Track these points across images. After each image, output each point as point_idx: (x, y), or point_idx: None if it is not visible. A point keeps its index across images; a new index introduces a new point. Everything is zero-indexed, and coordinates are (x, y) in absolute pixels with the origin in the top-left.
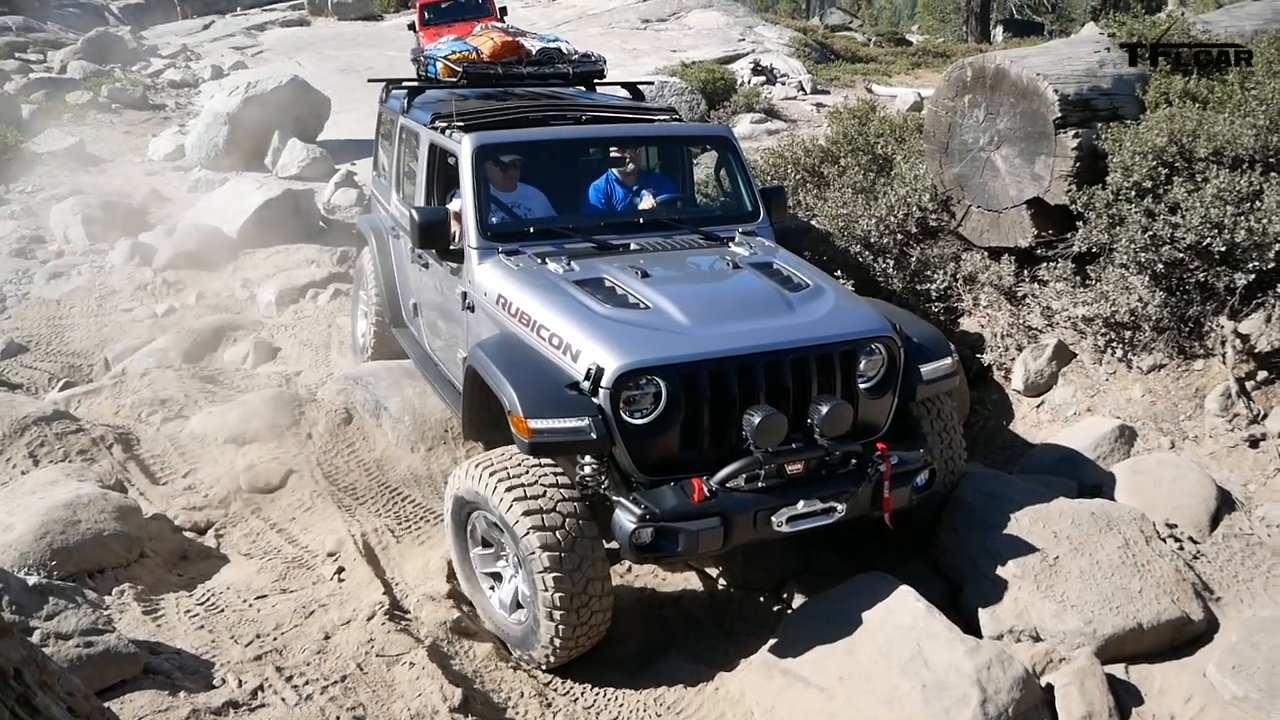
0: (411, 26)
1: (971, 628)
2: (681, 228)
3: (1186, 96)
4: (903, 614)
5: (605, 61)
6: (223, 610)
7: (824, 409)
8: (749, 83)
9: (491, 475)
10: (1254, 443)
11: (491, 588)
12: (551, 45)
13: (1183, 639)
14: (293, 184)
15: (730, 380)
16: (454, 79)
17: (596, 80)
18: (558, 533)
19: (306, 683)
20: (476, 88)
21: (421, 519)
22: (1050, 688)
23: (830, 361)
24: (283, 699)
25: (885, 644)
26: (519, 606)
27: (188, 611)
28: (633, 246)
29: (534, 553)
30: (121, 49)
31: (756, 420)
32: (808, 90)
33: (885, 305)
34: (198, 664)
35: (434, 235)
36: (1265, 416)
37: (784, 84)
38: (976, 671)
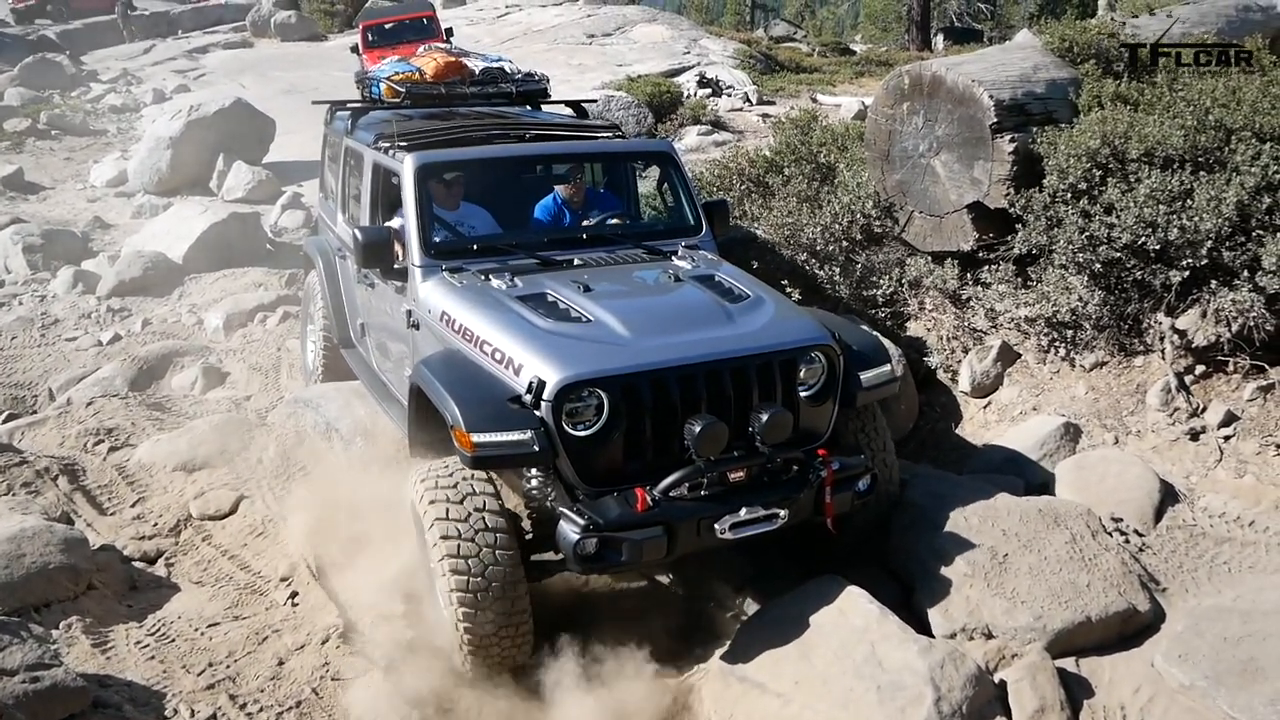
0: (355, 49)
1: (924, 627)
2: (625, 243)
3: (1118, 99)
4: (856, 616)
5: (549, 80)
6: (174, 640)
7: (764, 417)
8: (695, 95)
9: (423, 485)
10: (1194, 435)
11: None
12: (494, 65)
13: (1130, 630)
14: (238, 207)
15: (671, 390)
16: (398, 100)
17: (541, 99)
18: (470, 561)
19: (261, 710)
20: (421, 108)
21: (375, 540)
22: (1003, 683)
23: (770, 370)
24: None
25: (839, 647)
26: None
27: (138, 642)
28: (576, 262)
29: (445, 575)
30: (60, 74)
31: (697, 429)
32: (754, 101)
33: (825, 314)
34: (149, 695)
35: (377, 255)
36: (1204, 409)
37: (730, 96)
38: (930, 670)
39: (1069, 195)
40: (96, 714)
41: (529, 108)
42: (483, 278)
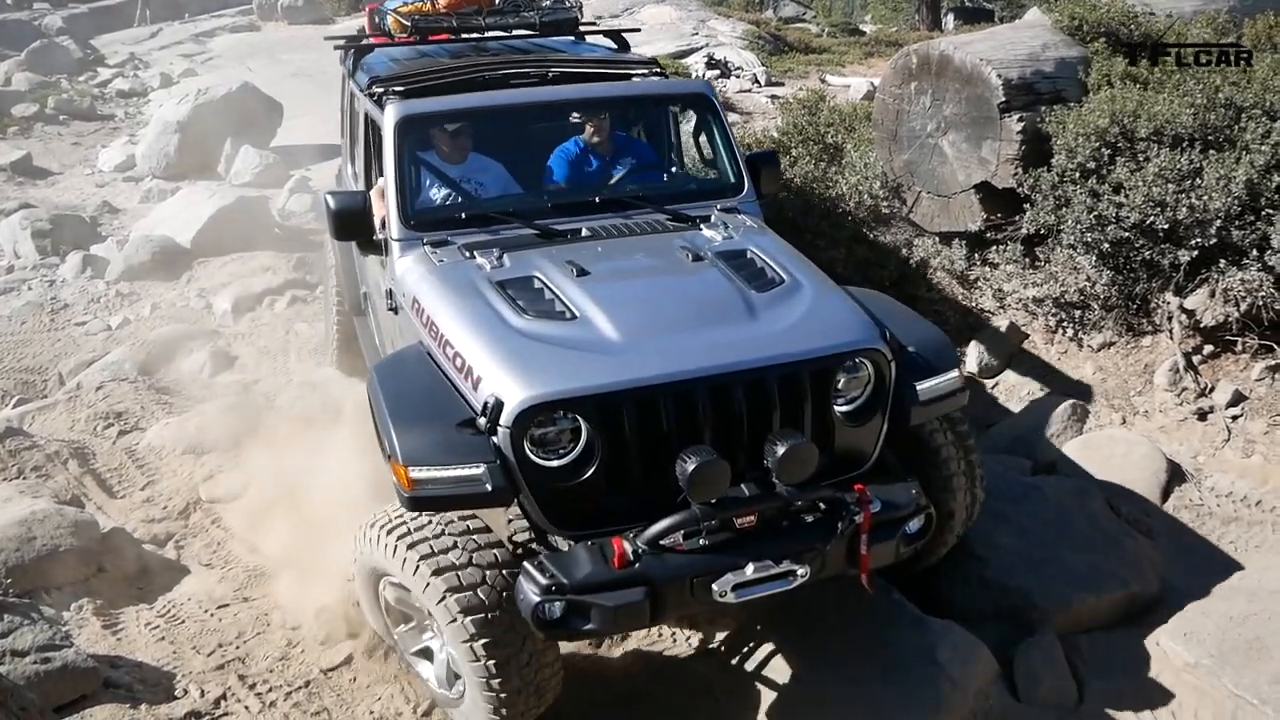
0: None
1: (933, 607)
2: (646, 207)
3: (1127, 78)
4: (865, 596)
5: (581, 6)
6: (184, 621)
7: (780, 450)
8: (703, 76)
9: (391, 535)
10: (1202, 415)
11: (426, 664)
12: None
13: (1137, 609)
14: (246, 191)
15: (665, 412)
16: (408, 35)
17: (573, 30)
18: (479, 590)
19: (270, 690)
20: (439, 43)
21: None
22: (1010, 662)
23: (797, 383)
24: (246, 707)
25: (849, 626)
26: (457, 676)
27: (148, 624)
28: (584, 232)
29: (455, 619)
30: (67, 59)
31: (690, 469)
32: (762, 82)
33: (881, 300)
34: (159, 676)
35: (351, 225)
36: (1212, 389)
37: (738, 77)
38: (938, 650)
39: (1077, 175)
40: (107, 694)
41: (572, 39)
42: (467, 254)
